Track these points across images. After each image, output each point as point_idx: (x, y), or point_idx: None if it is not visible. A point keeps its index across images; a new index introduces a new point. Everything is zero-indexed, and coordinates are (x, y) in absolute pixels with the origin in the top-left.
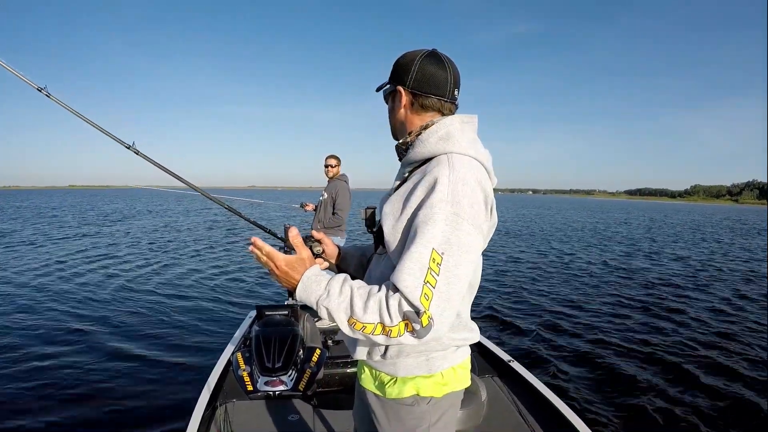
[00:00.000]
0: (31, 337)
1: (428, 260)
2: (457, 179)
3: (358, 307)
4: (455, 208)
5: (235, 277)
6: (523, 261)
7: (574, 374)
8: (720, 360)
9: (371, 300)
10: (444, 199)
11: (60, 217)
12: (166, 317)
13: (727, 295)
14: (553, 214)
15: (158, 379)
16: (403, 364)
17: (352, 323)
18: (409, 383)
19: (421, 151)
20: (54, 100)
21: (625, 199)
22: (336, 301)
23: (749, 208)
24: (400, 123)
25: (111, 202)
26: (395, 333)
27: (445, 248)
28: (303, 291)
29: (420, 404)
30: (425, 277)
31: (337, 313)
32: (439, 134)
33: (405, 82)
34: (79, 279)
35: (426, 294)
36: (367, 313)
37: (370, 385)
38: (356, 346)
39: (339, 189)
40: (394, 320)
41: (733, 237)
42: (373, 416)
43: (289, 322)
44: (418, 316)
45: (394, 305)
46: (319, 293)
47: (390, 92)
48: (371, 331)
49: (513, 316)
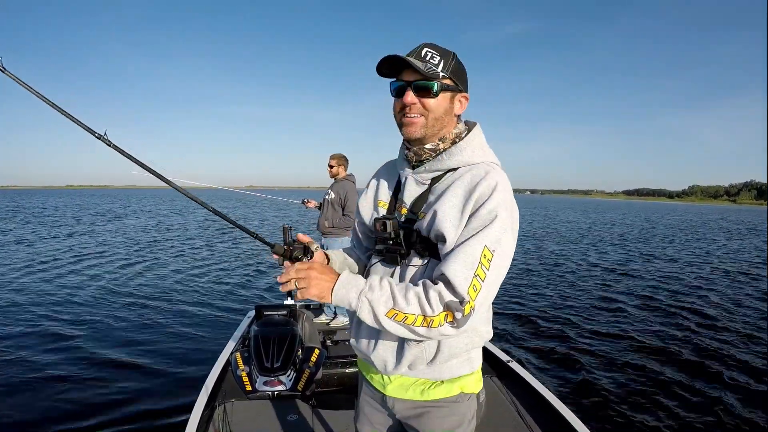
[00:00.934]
0: (30, 338)
1: (480, 255)
2: (507, 188)
3: (399, 298)
4: (510, 214)
5: (235, 277)
6: (523, 261)
7: (573, 374)
8: (720, 360)
9: (411, 292)
10: (502, 206)
11: (67, 217)
12: (165, 317)
13: (726, 294)
14: (552, 214)
15: (157, 379)
16: (448, 367)
17: (393, 314)
18: (455, 383)
19: (459, 159)
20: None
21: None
22: (378, 293)
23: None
24: (448, 127)
25: (109, 202)
26: (437, 323)
27: (496, 247)
28: (343, 287)
29: (464, 400)
30: (476, 270)
31: (378, 304)
32: (475, 144)
33: (467, 90)
34: (78, 279)
35: (475, 285)
36: (409, 305)
37: (403, 393)
38: (399, 363)
39: (348, 191)
40: (435, 310)
41: (730, 237)
42: (412, 421)
43: (288, 322)
44: (462, 305)
45: (434, 296)
46: (362, 287)
47: (452, 90)
48: (412, 321)
49: (512, 316)
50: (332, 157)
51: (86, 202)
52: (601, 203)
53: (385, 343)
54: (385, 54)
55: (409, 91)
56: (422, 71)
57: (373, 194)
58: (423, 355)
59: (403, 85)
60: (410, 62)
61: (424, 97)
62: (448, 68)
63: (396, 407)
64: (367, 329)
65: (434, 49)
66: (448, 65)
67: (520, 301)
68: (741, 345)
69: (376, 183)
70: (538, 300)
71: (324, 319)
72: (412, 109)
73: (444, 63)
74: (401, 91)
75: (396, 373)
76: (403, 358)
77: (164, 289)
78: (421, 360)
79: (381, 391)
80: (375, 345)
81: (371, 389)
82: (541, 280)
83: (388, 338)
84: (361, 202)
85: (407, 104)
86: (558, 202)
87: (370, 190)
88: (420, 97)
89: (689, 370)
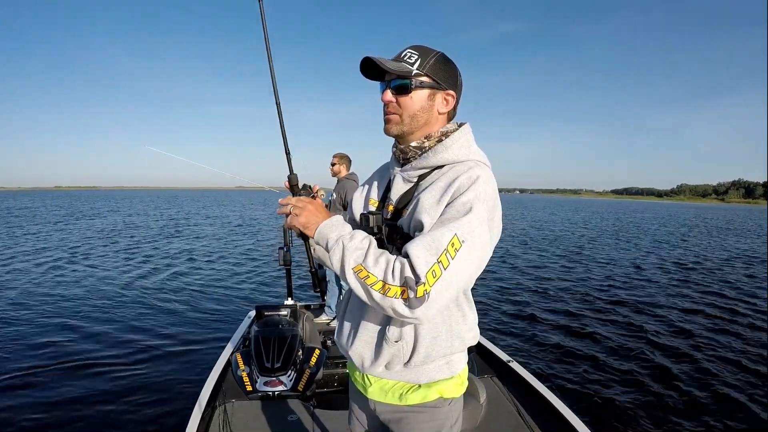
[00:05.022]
0: (30, 337)
1: (447, 243)
2: (488, 184)
3: (371, 257)
4: (484, 207)
5: (235, 277)
6: (522, 261)
7: (573, 374)
8: (720, 360)
9: (383, 257)
10: (480, 198)
11: (66, 217)
12: (165, 317)
13: (725, 294)
14: (547, 215)
15: (157, 379)
16: (425, 371)
17: (358, 270)
18: (433, 387)
19: (444, 156)
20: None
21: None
22: (356, 245)
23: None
24: (430, 124)
25: (104, 203)
26: (392, 293)
27: (466, 238)
28: (328, 226)
29: (443, 405)
30: (440, 257)
31: (349, 255)
32: (461, 142)
33: (455, 88)
34: (77, 278)
35: (434, 271)
36: (376, 266)
37: (383, 397)
38: (375, 360)
39: (348, 190)
40: (395, 281)
41: (726, 237)
42: (392, 425)
43: (288, 322)
44: (416, 285)
45: (398, 267)
46: (344, 233)
47: (431, 88)
48: (372, 283)
49: (512, 316)
50: (334, 156)
51: (86, 203)
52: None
53: (362, 339)
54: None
55: (387, 90)
56: (392, 70)
57: (365, 192)
58: (399, 354)
59: (383, 85)
60: (377, 62)
61: (401, 95)
62: (425, 66)
63: (378, 410)
64: (348, 326)
65: (415, 50)
66: (425, 63)
67: (520, 301)
68: (742, 345)
69: (370, 182)
70: (537, 300)
71: (324, 319)
72: (390, 107)
73: (421, 61)
74: (382, 91)
75: (373, 371)
76: (380, 357)
77: (164, 289)
78: (398, 360)
79: (363, 394)
80: (353, 341)
81: (355, 390)
82: (543, 279)
83: (366, 335)
84: (354, 199)
85: (384, 102)
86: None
87: (363, 190)
88: (397, 95)
89: (689, 369)
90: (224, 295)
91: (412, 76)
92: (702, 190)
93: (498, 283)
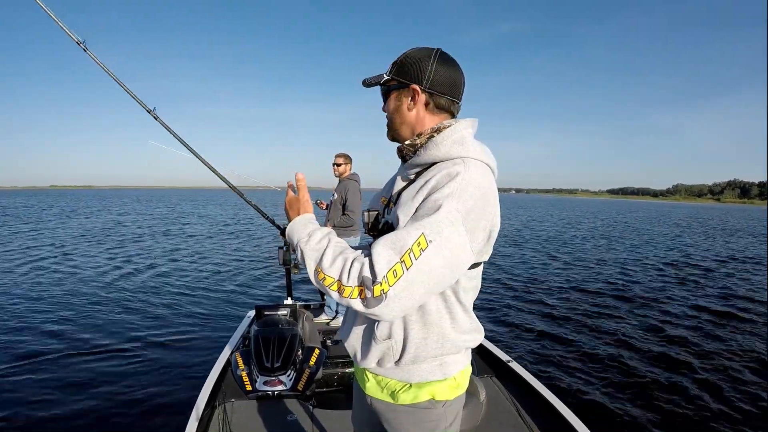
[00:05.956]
0: (29, 336)
1: (413, 242)
2: (470, 182)
3: (327, 259)
4: (460, 206)
5: (235, 276)
6: (521, 261)
7: (573, 374)
8: (720, 360)
9: (339, 257)
10: (453, 195)
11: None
12: (164, 316)
13: (727, 294)
14: (543, 214)
15: (157, 378)
16: (417, 371)
17: (317, 272)
18: (425, 388)
19: (435, 153)
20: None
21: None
22: (312, 247)
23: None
24: (408, 123)
25: (103, 202)
26: (347, 294)
27: (434, 238)
28: (290, 229)
29: (436, 407)
30: (402, 256)
31: (309, 258)
32: (454, 138)
33: (422, 81)
34: (75, 278)
35: (395, 271)
36: (332, 267)
37: (378, 393)
38: (366, 355)
39: (349, 189)
40: (351, 282)
41: (724, 237)
42: (386, 424)
43: (288, 321)
44: (372, 285)
45: (356, 268)
46: (302, 235)
47: (397, 89)
48: (329, 284)
49: (512, 316)
50: (340, 156)
51: (79, 202)
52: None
53: (355, 333)
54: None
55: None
56: (368, 83)
57: (380, 193)
58: (390, 352)
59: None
60: (363, 83)
61: (385, 102)
62: (393, 69)
63: (373, 405)
64: (348, 318)
65: (400, 56)
66: (393, 67)
67: (520, 301)
68: (742, 345)
69: (388, 182)
70: (537, 300)
71: (324, 318)
72: (386, 114)
73: (391, 67)
74: None
75: (366, 365)
76: (370, 353)
77: (164, 288)
78: (389, 358)
79: (362, 389)
80: (349, 333)
81: (357, 385)
82: (542, 279)
83: (359, 330)
84: (372, 199)
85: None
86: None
87: (383, 189)
88: (384, 103)
89: (690, 369)
90: (224, 294)
91: (382, 83)
92: (698, 190)
93: (497, 283)
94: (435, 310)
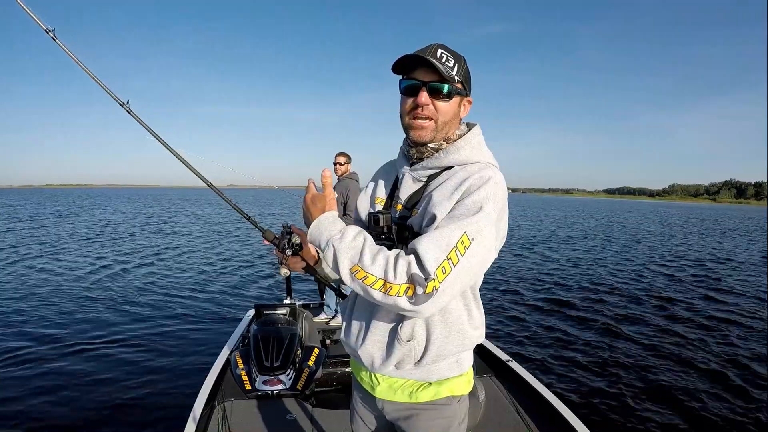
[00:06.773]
0: (28, 337)
1: (457, 241)
2: (501, 186)
3: (367, 256)
4: (495, 207)
5: (234, 276)
6: (521, 261)
7: (572, 374)
8: (720, 360)
9: (381, 254)
10: (491, 199)
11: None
12: (164, 316)
13: (727, 293)
14: (542, 215)
15: (156, 378)
16: (437, 369)
17: (355, 270)
18: (444, 385)
19: (456, 157)
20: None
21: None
22: (348, 244)
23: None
24: (452, 129)
25: (99, 202)
26: (394, 292)
27: (476, 236)
28: (316, 227)
29: (452, 403)
30: (449, 254)
31: (343, 256)
32: (473, 143)
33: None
34: (75, 277)
35: (444, 267)
36: (374, 265)
37: (391, 395)
38: (385, 360)
39: (350, 189)
40: (398, 279)
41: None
42: (402, 423)
43: (287, 321)
44: (425, 281)
45: (402, 265)
46: (333, 233)
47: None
48: (371, 283)
49: (511, 316)
50: (341, 155)
51: (87, 203)
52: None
53: (373, 338)
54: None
55: (423, 91)
56: (443, 73)
57: (371, 192)
58: (411, 354)
59: (418, 85)
60: (434, 64)
61: (437, 99)
62: (461, 72)
63: (385, 409)
64: (356, 325)
65: (449, 52)
66: (461, 69)
67: (519, 301)
68: (743, 345)
69: (376, 180)
70: (536, 300)
71: (323, 318)
72: (425, 110)
73: (458, 66)
74: (415, 90)
75: (383, 371)
76: (391, 356)
77: (163, 288)
78: (409, 359)
79: (370, 393)
80: (363, 340)
81: (362, 390)
82: (542, 279)
83: (377, 335)
84: (360, 199)
85: (420, 104)
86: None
87: (369, 189)
88: (433, 99)
89: (689, 369)
90: (223, 293)
91: (453, 82)
92: (694, 190)
93: (497, 283)
94: (455, 308)
